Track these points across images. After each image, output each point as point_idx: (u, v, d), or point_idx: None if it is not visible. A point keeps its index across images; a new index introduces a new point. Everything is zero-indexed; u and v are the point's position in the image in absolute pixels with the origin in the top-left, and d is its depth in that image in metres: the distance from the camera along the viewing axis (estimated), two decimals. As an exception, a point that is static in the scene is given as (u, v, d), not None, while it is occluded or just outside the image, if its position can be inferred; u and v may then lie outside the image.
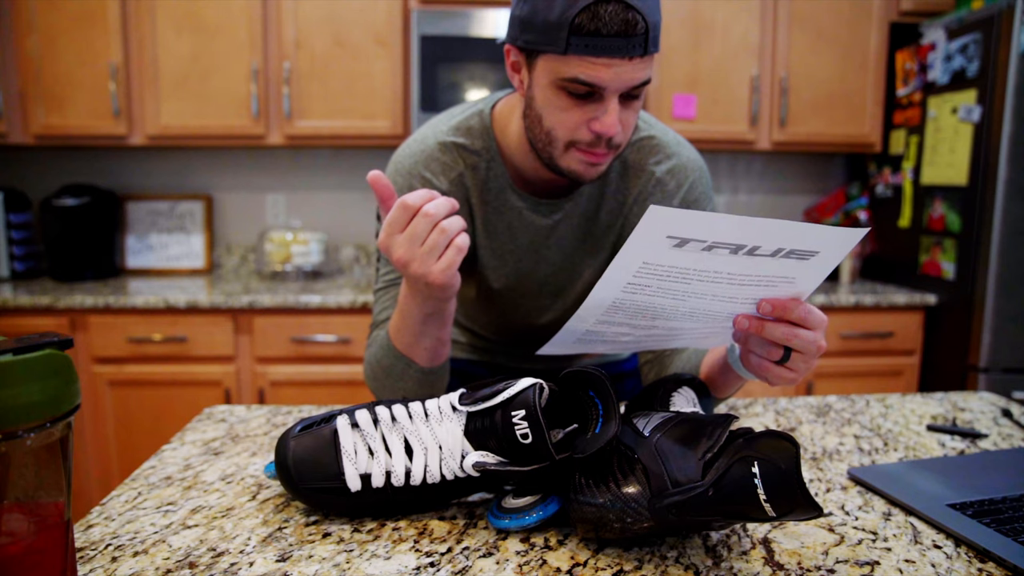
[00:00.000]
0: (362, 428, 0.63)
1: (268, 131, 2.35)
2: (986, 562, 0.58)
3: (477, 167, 0.92)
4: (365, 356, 0.93)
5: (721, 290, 0.64)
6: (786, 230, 0.56)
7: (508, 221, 0.93)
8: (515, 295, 0.98)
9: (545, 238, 0.94)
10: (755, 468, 0.49)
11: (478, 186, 0.92)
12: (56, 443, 0.43)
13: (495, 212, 0.93)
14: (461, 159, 0.92)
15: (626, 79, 0.74)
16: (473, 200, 0.93)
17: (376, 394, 0.92)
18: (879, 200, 2.61)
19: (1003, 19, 2.00)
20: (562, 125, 0.78)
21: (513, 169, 0.92)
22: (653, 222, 0.56)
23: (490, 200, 0.93)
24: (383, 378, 0.89)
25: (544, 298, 0.99)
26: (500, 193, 0.93)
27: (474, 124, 0.93)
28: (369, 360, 0.91)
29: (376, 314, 0.94)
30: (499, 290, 0.98)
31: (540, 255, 0.95)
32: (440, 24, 2.25)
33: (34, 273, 2.48)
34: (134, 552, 0.57)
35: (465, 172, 0.92)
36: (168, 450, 0.81)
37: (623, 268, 0.61)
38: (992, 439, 0.88)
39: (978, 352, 2.12)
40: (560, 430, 0.63)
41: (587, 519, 0.57)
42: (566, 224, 0.94)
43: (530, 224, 0.93)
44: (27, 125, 2.29)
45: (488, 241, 0.94)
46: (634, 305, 0.67)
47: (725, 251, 0.58)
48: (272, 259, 2.48)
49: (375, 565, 0.56)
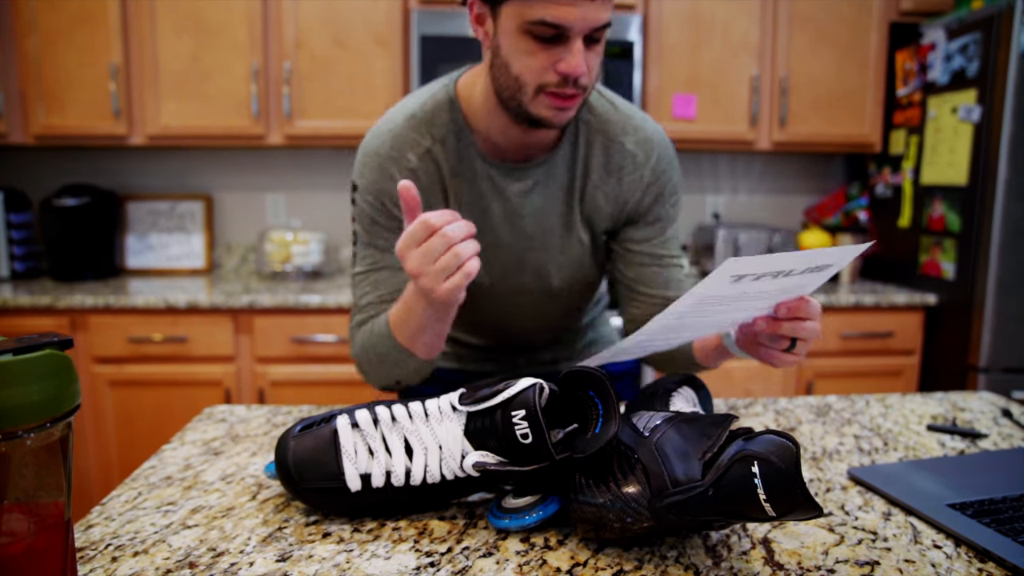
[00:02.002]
0: (362, 428, 0.63)
1: (268, 131, 2.35)
2: (986, 562, 0.58)
3: (446, 140, 0.93)
4: (355, 338, 0.95)
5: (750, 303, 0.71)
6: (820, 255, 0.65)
7: (480, 191, 0.94)
8: (495, 273, 0.98)
9: (520, 207, 0.95)
10: (755, 468, 0.49)
11: (448, 159, 0.93)
12: (56, 443, 0.43)
13: (468, 183, 0.94)
14: (429, 134, 0.92)
15: (590, 19, 0.77)
16: (444, 173, 0.93)
17: (367, 376, 0.95)
18: (879, 200, 2.61)
19: (1003, 19, 2.00)
20: (529, 70, 0.80)
21: (483, 139, 0.93)
22: (727, 270, 0.62)
23: (462, 171, 0.93)
24: (377, 364, 0.92)
25: (526, 276, 0.99)
26: (471, 163, 0.93)
27: (440, 98, 0.93)
28: (363, 345, 0.93)
29: (358, 298, 0.96)
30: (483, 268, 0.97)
31: (516, 226, 0.96)
32: (440, 24, 2.25)
33: (34, 273, 2.48)
34: (134, 552, 0.58)
35: (434, 147, 0.92)
36: (168, 450, 0.81)
37: (683, 305, 0.68)
38: (992, 439, 0.88)
39: (978, 352, 2.12)
40: (560, 430, 0.63)
41: (587, 519, 0.57)
42: (540, 192, 0.95)
43: (503, 192, 0.94)
44: (27, 125, 2.29)
45: (461, 213, 0.94)
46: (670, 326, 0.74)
47: (768, 277, 0.65)
48: (272, 259, 2.48)
49: (375, 565, 0.56)
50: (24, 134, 2.30)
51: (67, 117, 2.29)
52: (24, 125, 2.30)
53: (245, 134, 2.34)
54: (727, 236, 2.50)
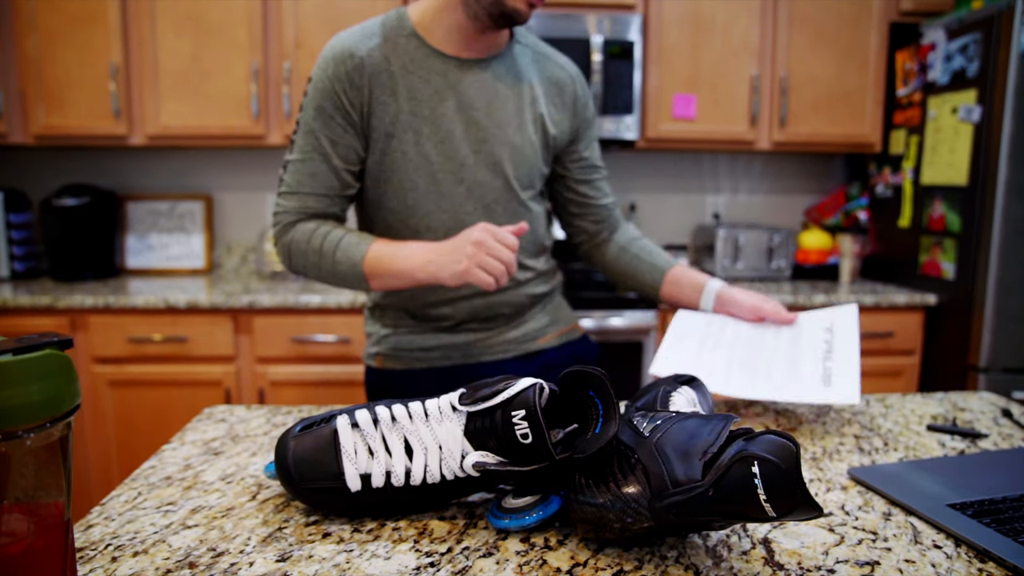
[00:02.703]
0: (362, 428, 0.63)
1: (268, 131, 2.35)
2: (986, 562, 0.58)
3: (396, 42, 1.02)
4: (297, 233, 1.02)
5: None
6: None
7: (435, 87, 1.02)
8: (453, 165, 1.04)
9: (474, 100, 1.03)
10: (755, 468, 0.49)
11: (399, 57, 1.01)
12: (56, 443, 0.43)
13: (422, 80, 1.02)
14: (380, 36, 1.02)
15: None
16: (395, 69, 1.01)
17: (292, 264, 1.04)
18: (879, 200, 2.61)
19: (1003, 19, 2.00)
20: None
21: (435, 41, 1.03)
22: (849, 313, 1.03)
23: (414, 70, 1.02)
24: (321, 271, 1.01)
25: (482, 170, 1.05)
26: (424, 62, 1.02)
27: (389, 15, 1.05)
28: (313, 248, 1.00)
29: (293, 184, 1.02)
30: (436, 163, 1.03)
31: (470, 119, 1.03)
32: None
33: (34, 273, 2.48)
34: (134, 552, 0.57)
35: (384, 45, 1.01)
36: (168, 450, 0.81)
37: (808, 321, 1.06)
38: (992, 439, 0.88)
39: (978, 352, 2.12)
40: (560, 430, 0.63)
41: (587, 519, 0.57)
42: (491, 86, 1.05)
43: (457, 84, 1.03)
44: (27, 125, 2.29)
45: (413, 106, 1.01)
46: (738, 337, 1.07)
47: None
48: (272, 259, 2.48)
49: (375, 565, 0.56)
50: (24, 134, 2.30)
51: (67, 117, 2.29)
52: (24, 125, 2.30)
53: (245, 134, 2.34)
54: (727, 236, 2.50)
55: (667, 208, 2.85)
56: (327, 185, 1.02)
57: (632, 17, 2.33)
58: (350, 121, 1.00)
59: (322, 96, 1.00)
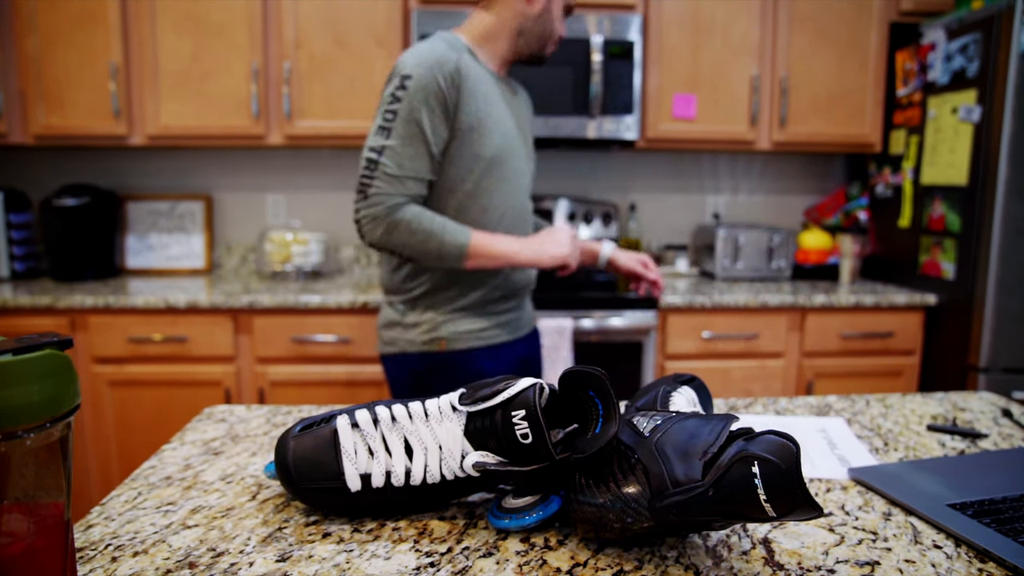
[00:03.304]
0: (362, 428, 0.63)
1: (268, 131, 2.35)
2: (986, 562, 0.58)
3: (465, 55, 1.27)
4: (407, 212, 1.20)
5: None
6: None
7: (496, 94, 1.32)
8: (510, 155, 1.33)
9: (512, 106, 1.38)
10: (755, 468, 0.49)
11: (472, 68, 1.27)
12: (56, 443, 0.43)
13: (488, 87, 1.30)
14: (456, 48, 1.27)
15: None
16: (473, 75, 1.26)
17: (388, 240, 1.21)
18: (879, 200, 2.61)
19: (1003, 19, 2.00)
20: (561, 26, 1.37)
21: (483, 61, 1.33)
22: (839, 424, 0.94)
23: (482, 79, 1.29)
24: (423, 239, 1.21)
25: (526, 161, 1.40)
26: (484, 74, 1.30)
27: (445, 36, 1.29)
28: (421, 227, 1.20)
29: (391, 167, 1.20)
30: (503, 149, 1.31)
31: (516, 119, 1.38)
32: (440, 24, 2.25)
33: (34, 273, 2.48)
34: (134, 552, 0.57)
35: (461, 60, 1.25)
36: (168, 450, 0.81)
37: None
38: (992, 439, 0.88)
39: (978, 352, 2.12)
40: (560, 430, 0.63)
41: (587, 519, 0.57)
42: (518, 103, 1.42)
43: (503, 94, 1.36)
44: (27, 125, 2.29)
45: (487, 107, 1.28)
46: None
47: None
48: (272, 259, 2.48)
49: (375, 565, 0.56)
50: (24, 134, 2.30)
51: (67, 117, 2.29)
52: (24, 125, 2.30)
53: (245, 134, 2.34)
54: (727, 236, 2.50)
55: (667, 208, 2.85)
56: (424, 168, 1.23)
57: (632, 17, 2.33)
58: (446, 113, 1.23)
59: (425, 90, 1.20)
